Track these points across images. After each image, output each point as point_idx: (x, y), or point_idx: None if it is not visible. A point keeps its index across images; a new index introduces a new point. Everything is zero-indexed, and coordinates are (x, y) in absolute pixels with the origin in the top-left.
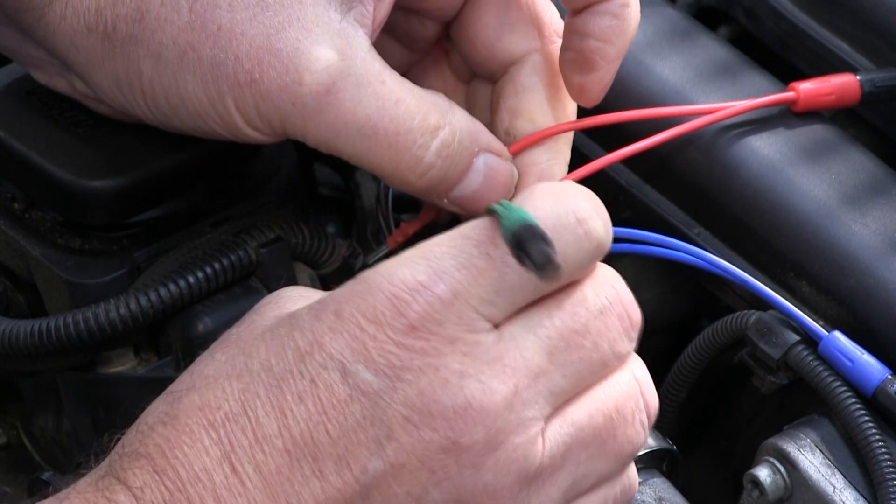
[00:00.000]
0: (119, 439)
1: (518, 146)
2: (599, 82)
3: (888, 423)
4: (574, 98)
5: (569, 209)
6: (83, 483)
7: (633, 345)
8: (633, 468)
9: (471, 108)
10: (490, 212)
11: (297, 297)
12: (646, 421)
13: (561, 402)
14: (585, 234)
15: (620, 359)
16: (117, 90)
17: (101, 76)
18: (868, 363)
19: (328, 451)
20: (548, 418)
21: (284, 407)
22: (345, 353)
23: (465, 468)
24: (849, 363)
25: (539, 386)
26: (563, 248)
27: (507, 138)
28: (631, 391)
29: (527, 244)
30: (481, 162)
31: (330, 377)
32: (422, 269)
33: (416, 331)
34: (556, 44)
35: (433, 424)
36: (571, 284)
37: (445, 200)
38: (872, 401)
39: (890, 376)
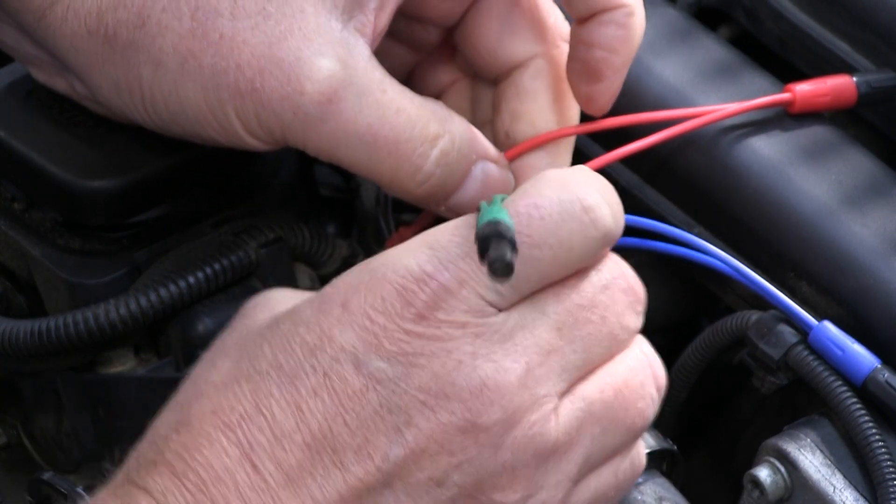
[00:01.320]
0: (129, 453)
1: (515, 151)
2: (607, 91)
3: (878, 413)
4: (583, 107)
5: (574, 196)
6: (102, 494)
7: (640, 319)
8: (641, 443)
9: (475, 105)
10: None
11: (284, 299)
12: (655, 394)
13: (573, 378)
14: (591, 223)
15: (629, 333)
16: (116, 94)
17: (101, 79)
18: (858, 352)
19: (347, 442)
20: (560, 396)
21: (300, 402)
22: (356, 345)
23: (484, 448)
24: (839, 352)
25: (551, 363)
26: (568, 237)
27: (507, 140)
28: (639, 365)
29: (489, 242)
30: (479, 170)
31: (343, 369)
32: (426, 258)
33: (425, 319)
34: (560, 48)
35: (450, 407)
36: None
37: (443, 208)
38: (862, 389)
39: (880, 366)
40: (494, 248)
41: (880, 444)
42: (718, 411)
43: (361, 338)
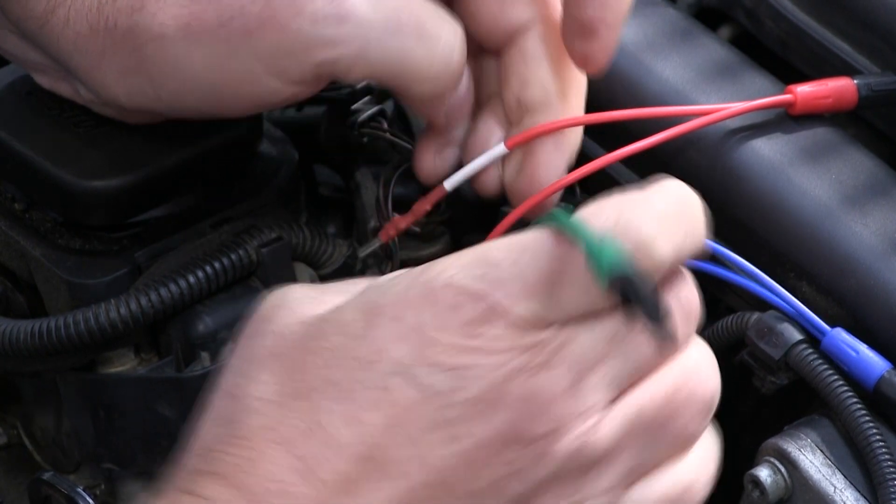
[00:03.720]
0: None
1: (519, 139)
2: (603, 49)
3: (891, 415)
4: (579, 67)
5: (629, 226)
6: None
7: (694, 328)
8: (697, 456)
9: (480, 81)
10: (550, 221)
11: (304, 299)
12: (709, 397)
13: (623, 386)
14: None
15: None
16: (123, 82)
17: (106, 72)
18: (869, 357)
19: (404, 453)
20: (609, 403)
21: (359, 415)
22: (411, 359)
23: (533, 458)
24: (853, 354)
25: (601, 373)
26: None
27: (518, 108)
28: (691, 370)
29: (638, 297)
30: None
31: (399, 382)
32: (479, 275)
33: (479, 336)
34: (559, 7)
35: (500, 417)
36: None
37: (444, 112)
38: (875, 392)
39: (892, 368)
40: (655, 319)
41: (881, 443)
42: (719, 411)
43: (415, 352)
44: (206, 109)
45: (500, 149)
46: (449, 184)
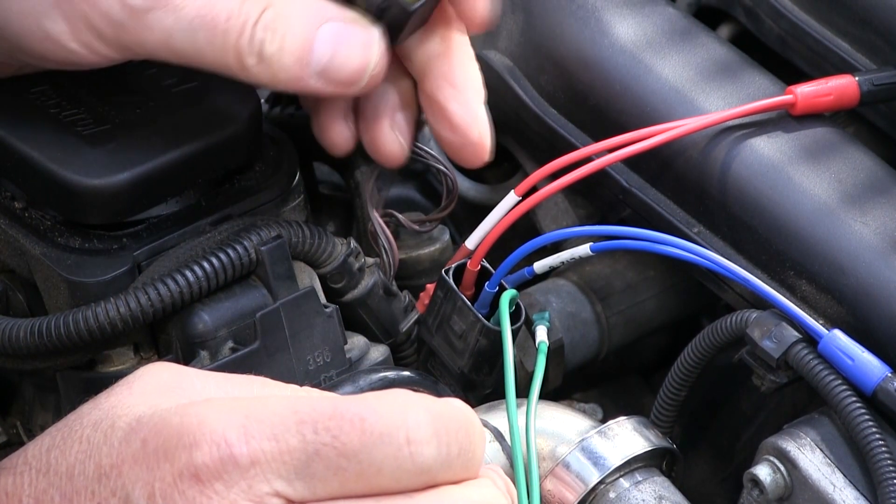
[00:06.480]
0: None
1: (527, 186)
2: (478, 141)
3: (889, 422)
4: (460, 159)
5: (403, 424)
6: None
7: None
8: None
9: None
10: None
11: (149, 391)
12: None
13: None
14: (409, 456)
15: None
16: None
17: None
18: (868, 361)
19: None
20: None
21: None
22: (136, 485)
23: None
24: (849, 361)
25: None
26: (381, 460)
27: (427, 99)
28: None
29: None
30: (325, 30)
31: None
32: (235, 423)
33: (201, 483)
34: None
35: None
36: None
37: (314, 81)
38: (873, 399)
39: (890, 374)
40: None
41: (880, 442)
42: (718, 410)
43: (143, 479)
44: (15, 52)
45: (511, 198)
46: (470, 243)
